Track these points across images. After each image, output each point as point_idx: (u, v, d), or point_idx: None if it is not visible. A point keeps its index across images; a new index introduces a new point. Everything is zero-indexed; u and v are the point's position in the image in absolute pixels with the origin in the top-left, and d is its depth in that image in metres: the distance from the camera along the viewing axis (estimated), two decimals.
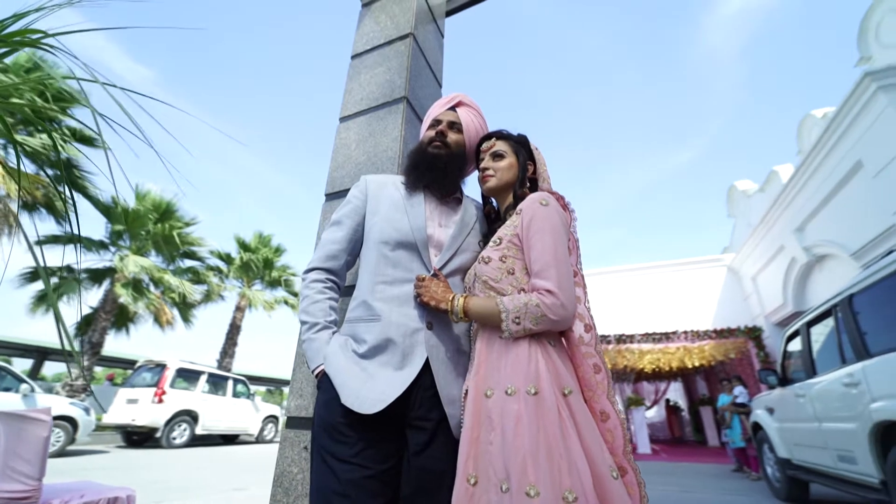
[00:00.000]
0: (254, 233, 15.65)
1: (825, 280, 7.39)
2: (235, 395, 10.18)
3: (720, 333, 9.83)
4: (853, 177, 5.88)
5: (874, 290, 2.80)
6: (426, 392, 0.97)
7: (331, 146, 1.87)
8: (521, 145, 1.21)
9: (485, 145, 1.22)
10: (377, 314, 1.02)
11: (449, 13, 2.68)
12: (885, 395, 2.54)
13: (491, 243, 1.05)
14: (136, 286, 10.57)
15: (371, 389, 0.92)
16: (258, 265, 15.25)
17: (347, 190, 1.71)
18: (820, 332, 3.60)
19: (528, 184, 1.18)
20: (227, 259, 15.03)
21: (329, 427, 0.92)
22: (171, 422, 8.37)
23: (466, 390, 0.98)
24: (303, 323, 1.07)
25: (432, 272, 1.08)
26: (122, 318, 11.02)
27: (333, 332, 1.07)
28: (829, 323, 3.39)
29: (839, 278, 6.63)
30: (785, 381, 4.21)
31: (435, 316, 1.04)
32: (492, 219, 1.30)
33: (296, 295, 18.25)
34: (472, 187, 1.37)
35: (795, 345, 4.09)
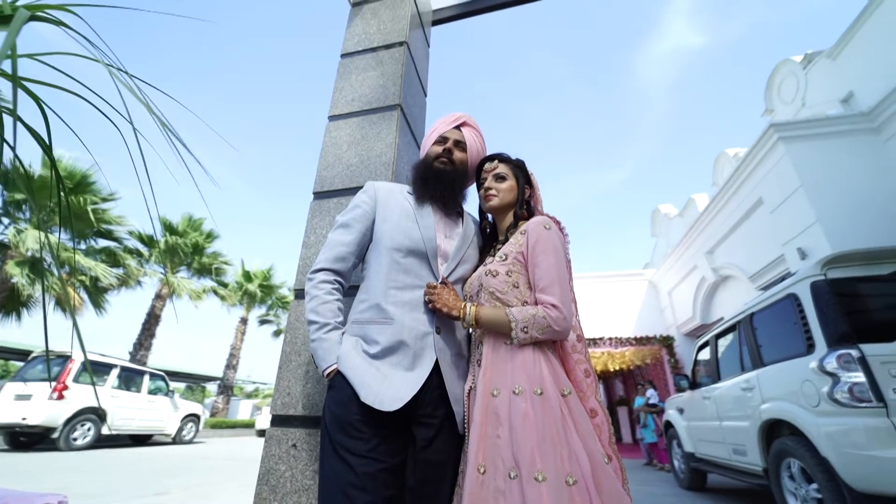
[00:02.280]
0: (182, 215, 14.37)
1: (727, 298, 8.54)
2: (152, 391, 9.29)
3: (639, 341, 10.90)
4: (755, 211, 6.89)
5: (770, 310, 3.35)
6: (434, 391, 1.06)
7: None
8: (519, 169, 1.33)
9: (487, 166, 1.33)
10: (390, 317, 1.08)
11: (434, 23, 2.76)
12: (773, 398, 3.06)
13: (497, 258, 1.16)
14: (34, 266, 9.23)
15: (388, 388, 0.99)
16: (185, 250, 14.02)
17: (337, 190, 1.73)
18: (725, 344, 4.21)
19: (525, 205, 1.31)
20: (148, 241, 13.62)
21: (345, 424, 0.97)
22: (73, 421, 7.43)
23: (470, 389, 1.08)
24: (311, 322, 1.10)
25: (440, 280, 1.17)
26: (12, 302, 9.55)
27: (342, 333, 1.12)
28: (733, 336, 3.98)
29: (738, 297, 7.71)
30: (694, 385, 4.84)
31: (443, 321, 1.13)
32: (486, 233, 1.42)
33: (226, 285, 17.03)
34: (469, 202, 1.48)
35: (705, 354, 4.72)
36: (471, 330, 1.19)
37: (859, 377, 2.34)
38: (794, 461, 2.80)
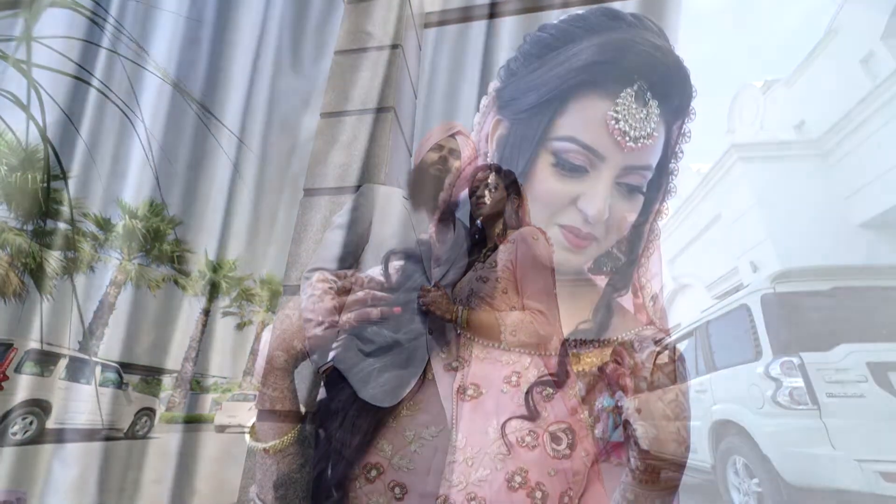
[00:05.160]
0: (143, 198, 13.61)
1: (684, 304, 9.05)
2: (103, 383, 8.80)
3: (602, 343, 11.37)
4: (714, 225, 7.36)
5: (724, 319, 3.62)
6: (424, 389, 1.11)
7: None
8: (509, 180, 1.40)
9: (480, 175, 1.39)
10: (385, 318, 1.13)
11: (425, 26, 2.79)
12: (723, 400, 3.32)
13: (487, 265, 1.22)
14: None
15: (384, 385, 1.04)
16: (145, 236, 13.30)
17: (329, 188, 1.74)
18: (683, 349, 4.49)
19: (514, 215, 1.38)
20: (103, 225, 12.83)
21: (341, 419, 1.01)
22: (12, 414, 6.94)
23: (458, 388, 1.14)
24: (307, 321, 1.13)
25: (433, 284, 1.22)
26: None
27: (337, 332, 1.15)
28: (690, 341, 4.25)
29: (694, 304, 8.19)
30: None
31: (435, 323, 1.18)
32: (475, 239, 1.48)
33: (187, 275, 16.30)
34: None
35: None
36: (459, 331, 1.25)
37: (799, 382, 2.58)
38: (739, 458, 3.05)
